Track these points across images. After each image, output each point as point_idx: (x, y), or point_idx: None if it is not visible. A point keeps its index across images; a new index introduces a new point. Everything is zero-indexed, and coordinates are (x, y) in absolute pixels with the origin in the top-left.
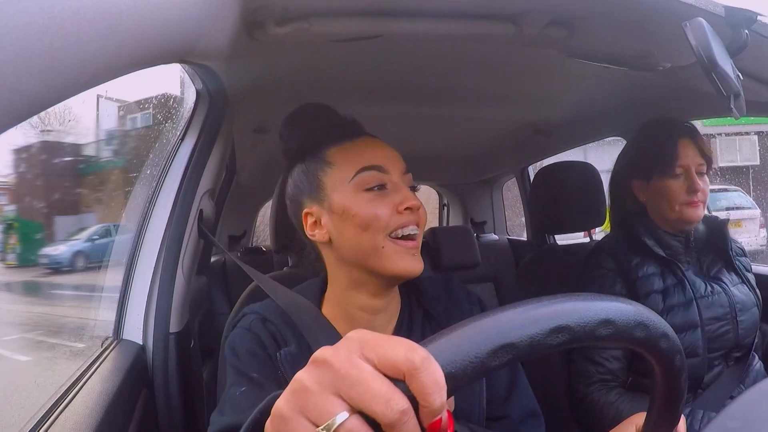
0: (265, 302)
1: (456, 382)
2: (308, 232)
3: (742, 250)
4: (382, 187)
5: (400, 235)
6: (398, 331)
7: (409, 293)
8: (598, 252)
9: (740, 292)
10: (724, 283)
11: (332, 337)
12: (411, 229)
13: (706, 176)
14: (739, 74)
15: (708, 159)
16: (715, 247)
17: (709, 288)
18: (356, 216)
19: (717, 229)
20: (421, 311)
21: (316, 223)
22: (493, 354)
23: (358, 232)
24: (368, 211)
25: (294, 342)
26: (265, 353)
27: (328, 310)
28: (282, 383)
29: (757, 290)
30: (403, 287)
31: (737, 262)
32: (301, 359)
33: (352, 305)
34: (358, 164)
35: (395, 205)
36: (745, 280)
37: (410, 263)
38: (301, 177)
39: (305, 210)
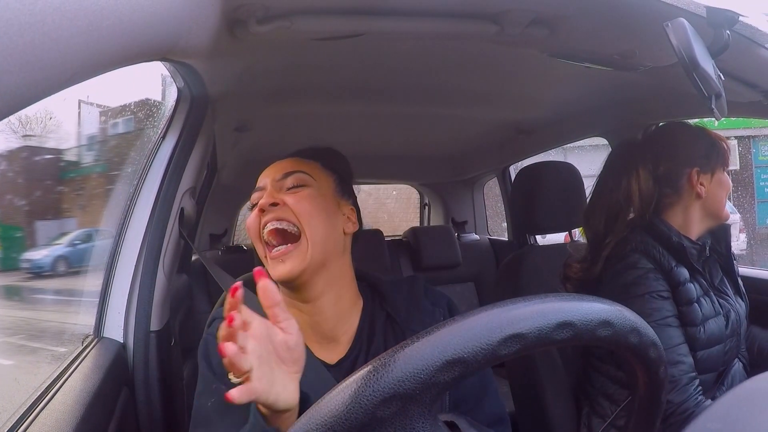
0: None
1: (467, 366)
2: None
3: (733, 254)
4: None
5: (265, 239)
6: (359, 334)
7: (373, 296)
8: (628, 254)
9: (738, 304)
10: (729, 297)
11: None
12: (268, 226)
13: None
14: (721, 75)
15: None
16: (716, 252)
17: (718, 305)
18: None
19: (720, 234)
20: (384, 314)
21: None
22: (503, 342)
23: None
24: (247, 223)
25: None
26: None
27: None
28: None
29: (745, 296)
30: (367, 290)
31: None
32: None
33: (291, 307)
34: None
35: (257, 212)
36: (738, 289)
37: (277, 270)
38: None
39: None
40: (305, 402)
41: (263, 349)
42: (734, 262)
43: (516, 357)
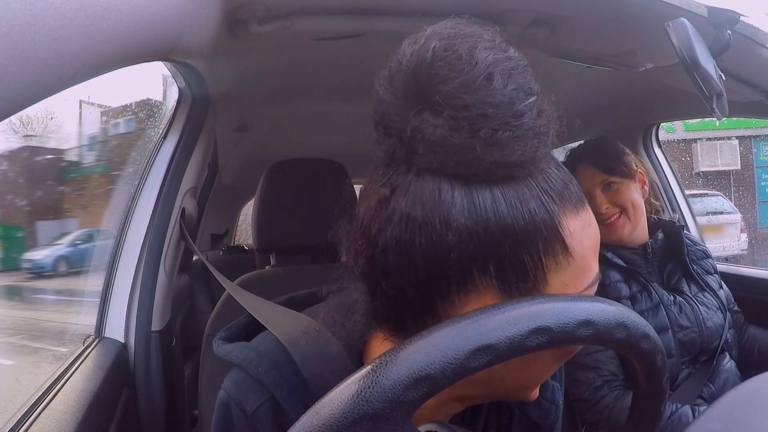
0: (273, 360)
1: (435, 383)
2: None
3: (705, 252)
4: None
5: None
6: (460, 415)
7: None
8: None
9: (701, 301)
10: (686, 294)
11: None
12: None
13: (623, 187)
14: (722, 75)
15: (614, 170)
16: (675, 253)
17: (671, 298)
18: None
19: (674, 235)
20: None
21: None
22: (472, 355)
23: (552, 365)
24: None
25: None
26: None
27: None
28: None
29: (721, 293)
30: None
31: (695, 267)
32: None
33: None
34: (591, 269)
35: None
36: (705, 286)
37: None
38: (469, 231)
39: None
40: None
41: None
42: (691, 261)
43: (490, 367)
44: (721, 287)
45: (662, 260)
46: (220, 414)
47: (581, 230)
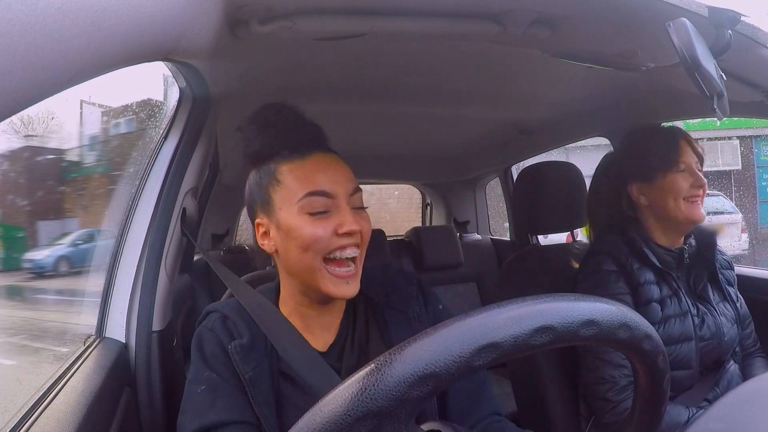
0: (229, 300)
1: (440, 381)
2: (259, 240)
3: (729, 263)
4: (325, 212)
5: (336, 257)
6: (345, 320)
7: None
8: (595, 255)
9: (722, 312)
10: (709, 303)
11: (287, 330)
12: (348, 252)
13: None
14: (723, 75)
15: (701, 158)
16: (703, 258)
17: (694, 309)
18: (298, 237)
19: (706, 240)
20: (363, 297)
21: (266, 233)
22: (476, 353)
23: (299, 251)
24: (309, 233)
25: (247, 334)
26: (224, 353)
27: (284, 308)
28: (238, 377)
29: (738, 303)
30: None
31: (721, 276)
32: (252, 350)
33: (302, 305)
34: (305, 188)
35: (335, 228)
36: (727, 296)
37: (343, 290)
38: (255, 187)
39: (257, 219)
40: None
41: None
42: (720, 269)
43: (493, 365)
44: (738, 299)
45: (690, 266)
46: (195, 339)
47: (288, 171)
